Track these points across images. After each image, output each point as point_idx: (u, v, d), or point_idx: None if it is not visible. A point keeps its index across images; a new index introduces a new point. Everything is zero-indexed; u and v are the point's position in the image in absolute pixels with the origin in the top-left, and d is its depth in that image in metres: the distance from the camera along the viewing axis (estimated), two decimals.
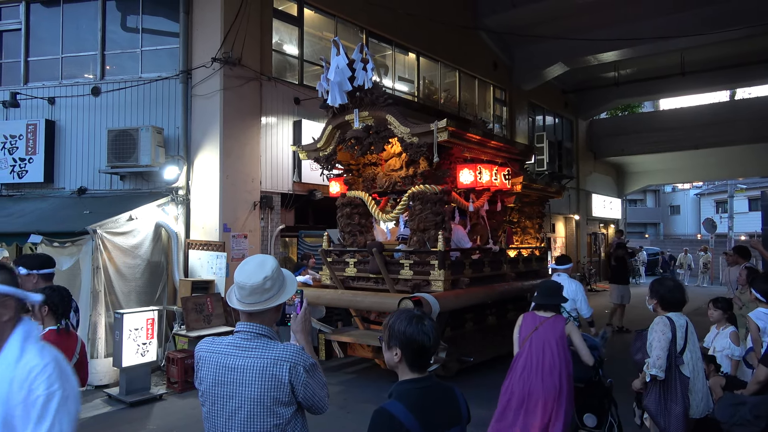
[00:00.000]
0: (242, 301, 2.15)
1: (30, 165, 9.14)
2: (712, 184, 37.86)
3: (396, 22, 11.79)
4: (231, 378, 2.05)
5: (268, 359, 2.05)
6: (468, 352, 7.26)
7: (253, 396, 2.02)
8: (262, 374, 2.03)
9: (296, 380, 2.05)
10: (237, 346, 2.11)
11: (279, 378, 2.03)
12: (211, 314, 7.75)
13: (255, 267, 2.16)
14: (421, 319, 2.05)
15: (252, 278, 2.12)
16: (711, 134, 19.35)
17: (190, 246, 8.48)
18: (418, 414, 1.92)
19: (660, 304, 3.73)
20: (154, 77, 8.91)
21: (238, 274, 2.15)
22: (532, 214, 9.63)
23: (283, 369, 2.03)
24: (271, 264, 2.18)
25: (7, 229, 7.62)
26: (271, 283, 2.14)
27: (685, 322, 3.65)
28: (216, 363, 2.09)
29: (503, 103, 16.66)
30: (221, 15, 8.55)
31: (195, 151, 8.72)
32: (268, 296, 2.14)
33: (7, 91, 9.32)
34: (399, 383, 2.04)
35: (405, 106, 7.90)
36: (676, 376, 3.54)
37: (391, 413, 1.91)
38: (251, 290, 2.12)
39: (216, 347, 2.14)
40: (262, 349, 2.08)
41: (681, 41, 14.21)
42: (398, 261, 7.03)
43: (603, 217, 22.43)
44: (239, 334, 2.14)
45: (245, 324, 2.15)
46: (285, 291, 2.21)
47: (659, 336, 3.57)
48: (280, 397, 2.03)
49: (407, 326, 2.01)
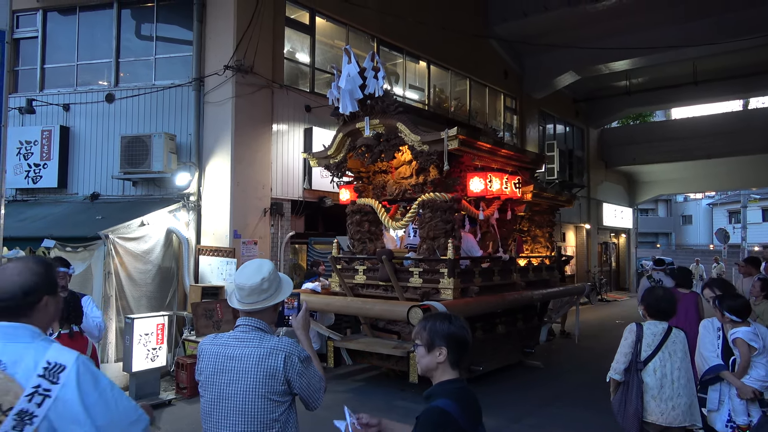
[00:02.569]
0: (242, 301, 2.33)
1: (44, 170, 9.26)
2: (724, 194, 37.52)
3: (407, 30, 11.84)
4: (230, 366, 2.21)
5: (265, 349, 2.22)
6: (477, 362, 7.22)
7: (250, 383, 2.18)
8: (259, 363, 2.19)
9: (291, 370, 2.20)
10: (236, 338, 2.28)
11: (274, 367, 2.18)
12: (221, 320, 7.77)
13: (253, 270, 2.34)
14: (456, 317, 2.15)
15: (250, 280, 2.30)
16: (724, 144, 19.18)
17: (201, 252, 8.53)
18: (466, 411, 2.00)
19: (647, 311, 3.96)
20: (167, 84, 9.01)
21: (238, 276, 2.34)
22: (543, 223, 9.59)
23: (278, 358, 2.20)
24: (268, 267, 2.36)
25: (21, 233, 7.71)
26: (268, 285, 2.32)
27: (662, 330, 3.82)
28: (216, 353, 2.27)
29: (514, 111, 16.64)
30: (234, 23, 8.63)
31: (206, 157, 8.79)
32: (265, 296, 2.32)
33: (24, 97, 9.45)
34: (442, 383, 2.09)
35: (416, 114, 7.92)
36: (634, 379, 3.79)
37: (446, 411, 1.97)
38: (250, 290, 2.30)
39: (217, 341, 2.32)
40: (259, 340, 2.25)
41: (693, 50, 14.13)
42: (408, 269, 7.01)
43: (614, 227, 22.27)
44: (238, 328, 2.32)
45: (244, 319, 2.33)
46: (281, 291, 2.39)
47: (622, 341, 3.91)
48: (275, 386, 2.19)
49: (449, 325, 2.10)
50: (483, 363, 7.29)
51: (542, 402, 6.77)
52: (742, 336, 3.86)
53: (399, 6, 11.62)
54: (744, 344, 3.84)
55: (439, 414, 1.98)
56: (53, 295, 1.84)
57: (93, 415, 1.66)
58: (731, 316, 3.92)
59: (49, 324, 1.91)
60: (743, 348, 3.85)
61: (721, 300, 4.06)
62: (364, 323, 7.81)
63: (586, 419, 6.08)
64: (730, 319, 3.93)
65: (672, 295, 4.03)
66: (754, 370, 3.87)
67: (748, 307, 4.03)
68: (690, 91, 19.01)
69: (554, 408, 6.55)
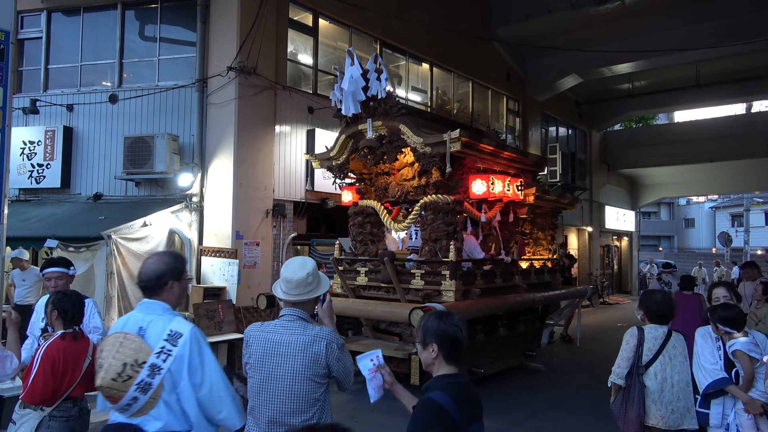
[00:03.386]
0: (288, 293, 2.60)
1: (47, 171, 9.28)
2: (727, 198, 37.44)
3: (410, 32, 11.86)
4: (279, 351, 2.50)
5: (309, 336, 2.51)
6: (478, 364, 7.21)
7: (296, 366, 2.46)
8: (304, 349, 2.47)
9: (331, 355, 2.50)
10: (282, 326, 2.57)
11: (317, 352, 2.48)
12: (222, 321, 7.78)
13: (298, 265, 2.64)
14: (450, 315, 2.29)
15: (297, 274, 2.59)
16: (727, 147, 19.14)
17: (203, 253, 8.54)
18: (460, 405, 2.09)
19: (646, 315, 3.90)
20: (170, 85, 9.03)
21: (285, 271, 2.63)
22: (545, 226, 9.57)
23: (321, 345, 2.49)
24: (311, 263, 2.67)
25: (25, 233, 7.73)
26: (312, 278, 2.62)
27: (663, 333, 3.78)
28: (265, 339, 2.55)
29: (516, 113, 16.64)
30: (237, 25, 8.65)
31: (209, 158, 8.80)
32: (309, 289, 2.61)
33: (27, 98, 9.49)
34: (438, 377, 2.22)
35: (418, 116, 7.92)
36: (635, 383, 3.76)
37: (439, 403, 2.07)
38: (297, 283, 2.58)
39: (265, 328, 2.60)
40: (303, 329, 2.54)
41: (696, 53, 14.11)
42: (410, 271, 7.01)
43: (616, 230, 22.24)
44: (284, 317, 2.59)
45: (289, 309, 2.61)
46: (321, 286, 2.67)
47: (623, 345, 3.87)
48: (317, 369, 2.48)
49: (439, 323, 2.24)
50: (484, 365, 7.28)
51: (543, 405, 6.76)
52: (741, 348, 3.68)
53: (402, 8, 11.64)
54: (744, 356, 3.66)
55: (431, 405, 2.08)
56: (178, 280, 2.51)
57: (192, 374, 2.34)
58: (725, 328, 3.76)
59: (177, 302, 2.57)
60: (744, 360, 3.66)
61: (713, 311, 3.91)
62: (365, 325, 7.81)
63: (587, 422, 6.07)
64: (725, 330, 3.77)
65: (671, 298, 3.96)
66: (759, 382, 3.68)
67: (742, 316, 3.84)
68: (693, 95, 18.98)
69: (555, 411, 6.54)
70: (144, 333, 2.36)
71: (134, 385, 2.25)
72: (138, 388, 2.26)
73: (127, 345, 2.32)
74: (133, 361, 2.28)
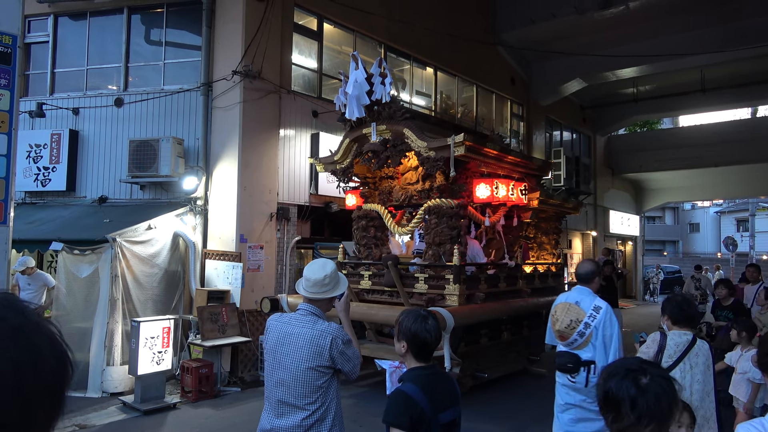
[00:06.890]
0: (306, 290, 2.88)
1: (53, 174, 9.33)
2: (732, 202, 37.30)
3: (414, 36, 11.88)
4: (289, 341, 2.77)
5: (317, 331, 2.75)
6: (482, 368, 7.20)
7: (302, 356, 2.71)
8: (311, 341, 2.72)
9: (335, 349, 2.72)
10: (297, 318, 2.84)
11: (322, 346, 2.71)
12: (226, 324, 7.79)
13: (319, 267, 2.91)
14: (426, 318, 2.43)
15: (315, 274, 2.86)
16: (732, 152, 19.07)
17: (207, 256, 8.56)
18: (428, 394, 2.26)
19: (671, 320, 3.80)
20: (175, 89, 9.07)
21: (307, 270, 2.91)
22: (549, 230, 9.56)
23: (326, 340, 2.72)
24: (330, 266, 2.93)
25: (30, 236, 7.77)
26: (329, 281, 2.88)
27: (686, 341, 3.61)
28: (280, 330, 2.83)
29: (520, 118, 16.64)
30: (243, 29, 8.69)
31: (214, 162, 8.83)
32: (324, 289, 2.87)
33: (34, 101, 9.54)
34: (410, 370, 2.41)
35: (422, 120, 7.94)
36: None
37: (407, 393, 2.26)
38: (314, 282, 2.85)
39: (282, 319, 2.89)
40: (313, 323, 2.79)
41: (701, 58, 14.08)
42: (413, 275, 7.01)
43: (621, 234, 22.17)
44: (299, 311, 2.86)
45: (305, 305, 2.88)
46: (338, 288, 2.93)
47: (642, 348, 3.87)
48: (321, 361, 2.71)
49: (413, 323, 2.40)
50: (488, 370, 7.26)
51: (547, 410, 6.71)
52: None
53: (406, 12, 11.68)
54: None
55: (400, 396, 2.27)
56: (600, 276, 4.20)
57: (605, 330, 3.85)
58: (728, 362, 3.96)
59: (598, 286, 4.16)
60: None
61: None
62: (369, 328, 7.81)
63: None
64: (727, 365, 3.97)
65: (692, 299, 4.07)
66: None
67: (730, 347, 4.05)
68: (698, 99, 18.94)
69: None
70: (579, 304, 3.93)
71: (576, 333, 3.86)
72: (578, 334, 3.86)
73: (572, 309, 3.93)
74: (576, 318, 3.88)
